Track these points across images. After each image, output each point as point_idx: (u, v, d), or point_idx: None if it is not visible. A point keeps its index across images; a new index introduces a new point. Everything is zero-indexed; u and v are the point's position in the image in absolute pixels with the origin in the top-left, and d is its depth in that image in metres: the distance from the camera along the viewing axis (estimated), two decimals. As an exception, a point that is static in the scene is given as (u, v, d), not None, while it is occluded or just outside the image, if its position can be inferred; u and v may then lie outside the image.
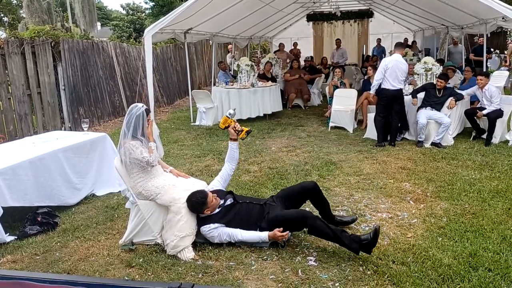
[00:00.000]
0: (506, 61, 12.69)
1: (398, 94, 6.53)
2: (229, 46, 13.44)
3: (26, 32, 8.22)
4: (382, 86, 6.49)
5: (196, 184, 3.65)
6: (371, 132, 7.11)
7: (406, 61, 10.30)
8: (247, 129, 3.78)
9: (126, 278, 3.04)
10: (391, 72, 6.38)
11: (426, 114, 6.47)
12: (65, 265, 3.27)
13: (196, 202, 3.33)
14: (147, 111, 3.50)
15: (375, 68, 8.31)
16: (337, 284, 2.85)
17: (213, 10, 8.23)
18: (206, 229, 3.39)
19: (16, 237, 3.75)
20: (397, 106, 6.60)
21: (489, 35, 8.40)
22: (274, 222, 3.32)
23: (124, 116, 3.83)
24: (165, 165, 3.84)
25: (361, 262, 3.09)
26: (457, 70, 8.83)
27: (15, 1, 29.50)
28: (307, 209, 3.75)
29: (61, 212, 4.30)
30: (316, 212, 3.61)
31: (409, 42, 13.58)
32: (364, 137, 7.20)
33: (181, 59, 13.37)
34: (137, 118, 3.40)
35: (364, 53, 14.83)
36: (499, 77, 10.11)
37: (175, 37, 8.89)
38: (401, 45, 6.88)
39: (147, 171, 3.43)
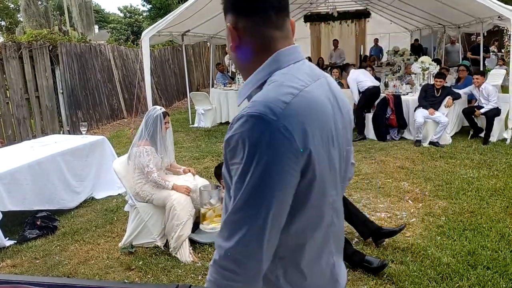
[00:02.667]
0: (502, 58, 12.74)
1: (378, 90, 7.22)
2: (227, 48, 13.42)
3: (24, 36, 8.23)
4: (365, 87, 7.07)
5: (199, 181, 3.71)
6: (369, 131, 7.14)
7: (403, 60, 10.44)
8: None
9: (126, 281, 3.04)
10: (363, 76, 7.19)
11: (423, 113, 6.49)
12: (65, 268, 3.28)
13: (218, 165, 3.66)
14: (165, 114, 3.57)
15: (373, 69, 8.36)
16: (336, 284, 2.85)
17: (210, 12, 8.24)
18: None
19: (15, 241, 3.75)
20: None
21: (485, 34, 8.43)
22: None
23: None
24: (178, 166, 3.92)
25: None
26: (450, 70, 8.84)
27: (12, 5, 29.50)
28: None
29: (60, 215, 4.30)
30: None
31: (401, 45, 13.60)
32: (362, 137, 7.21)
33: (179, 61, 13.38)
34: (155, 119, 3.48)
35: (361, 53, 14.85)
36: (496, 76, 10.14)
37: (172, 39, 8.91)
38: (348, 65, 8.20)
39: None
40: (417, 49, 12.37)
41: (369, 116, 7.15)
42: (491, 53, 13.84)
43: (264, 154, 0.85)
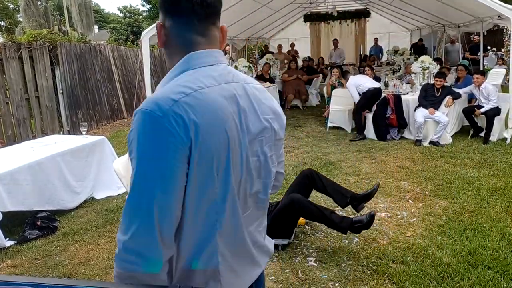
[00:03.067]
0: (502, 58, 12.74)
1: (379, 91, 7.19)
2: (227, 48, 13.41)
3: (24, 37, 8.22)
4: (366, 88, 7.09)
5: None
6: (370, 131, 7.14)
7: (403, 60, 10.44)
8: None
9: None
10: (362, 80, 7.25)
11: (423, 113, 6.49)
12: (65, 269, 3.28)
13: None
14: None
15: (372, 69, 8.36)
16: (337, 284, 2.85)
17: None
18: None
19: (15, 242, 3.75)
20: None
21: (485, 33, 8.43)
22: (273, 217, 3.33)
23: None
24: None
25: (360, 262, 3.10)
26: (451, 69, 8.85)
27: (12, 6, 29.49)
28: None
29: (60, 216, 4.29)
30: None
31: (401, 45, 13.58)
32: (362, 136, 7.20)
33: (179, 61, 13.37)
34: None
35: (361, 53, 14.84)
36: (496, 75, 10.14)
37: (172, 39, 8.89)
38: (347, 73, 8.08)
39: None
40: (420, 49, 12.24)
41: (369, 116, 7.15)
42: (490, 52, 13.83)
43: (149, 148, 0.92)
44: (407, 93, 7.37)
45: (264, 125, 1.13)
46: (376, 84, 7.22)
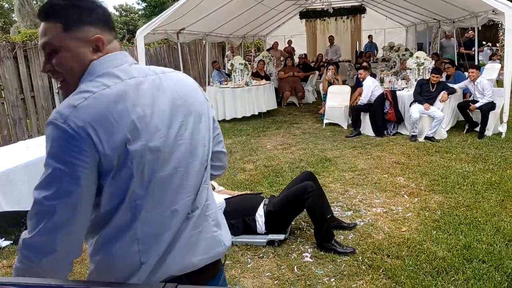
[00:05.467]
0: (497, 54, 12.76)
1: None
2: (229, 46, 13.29)
3: (18, 36, 8.19)
4: (376, 96, 7.06)
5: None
6: (366, 127, 7.15)
7: (399, 56, 10.47)
8: None
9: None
10: (376, 86, 7.18)
11: (418, 108, 6.51)
12: (61, 268, 3.27)
13: None
14: None
15: (369, 65, 8.38)
16: (332, 280, 2.87)
17: (205, 9, 8.23)
18: None
19: (11, 242, 3.74)
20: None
21: (480, 28, 8.45)
22: (282, 201, 3.37)
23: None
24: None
25: (356, 257, 3.12)
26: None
27: (7, 5, 29.31)
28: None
29: (57, 215, 4.28)
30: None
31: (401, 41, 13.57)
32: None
33: (175, 60, 13.34)
34: None
35: (357, 49, 14.84)
36: (491, 70, 10.17)
37: (168, 37, 8.88)
38: (367, 68, 7.83)
39: None
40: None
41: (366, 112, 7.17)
42: (485, 47, 13.85)
43: (54, 154, 0.99)
44: (403, 89, 7.39)
45: (185, 111, 1.21)
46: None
